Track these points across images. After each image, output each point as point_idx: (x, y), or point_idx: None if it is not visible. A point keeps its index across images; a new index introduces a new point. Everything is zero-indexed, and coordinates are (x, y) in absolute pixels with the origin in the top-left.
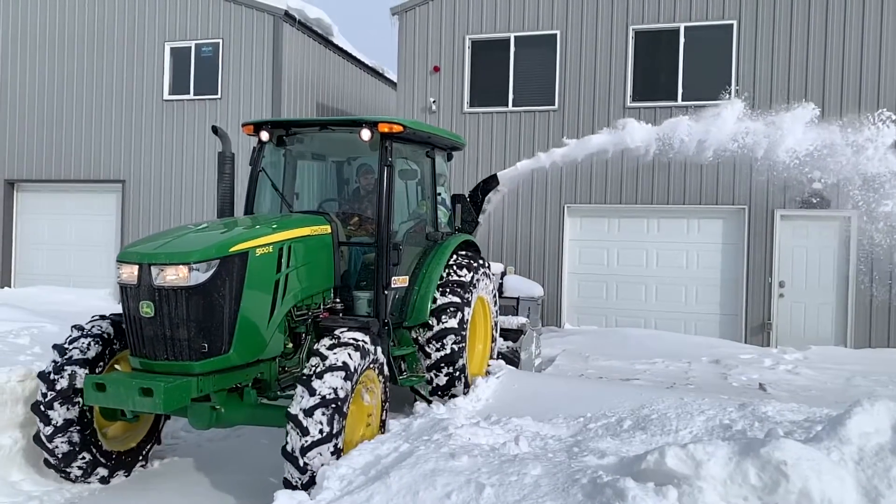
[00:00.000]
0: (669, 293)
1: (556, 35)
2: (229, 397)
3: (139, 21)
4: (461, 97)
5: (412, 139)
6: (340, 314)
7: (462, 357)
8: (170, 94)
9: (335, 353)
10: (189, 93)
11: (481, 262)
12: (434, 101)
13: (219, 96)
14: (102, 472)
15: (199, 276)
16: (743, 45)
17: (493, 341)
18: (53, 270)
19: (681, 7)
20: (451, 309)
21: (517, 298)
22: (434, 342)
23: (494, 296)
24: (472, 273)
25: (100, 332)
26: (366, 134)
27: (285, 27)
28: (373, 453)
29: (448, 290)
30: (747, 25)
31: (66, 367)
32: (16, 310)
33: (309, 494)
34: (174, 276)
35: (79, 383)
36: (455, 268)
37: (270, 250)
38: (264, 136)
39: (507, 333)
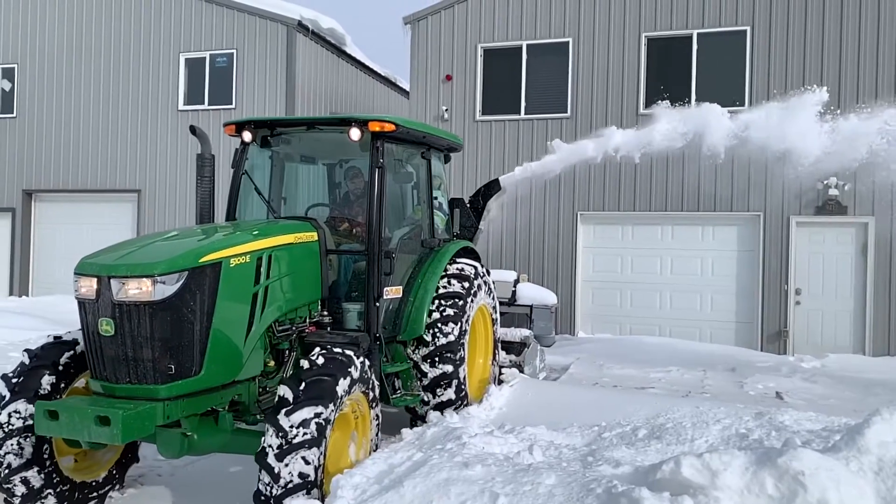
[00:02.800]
0: (684, 301)
1: (568, 43)
2: (202, 422)
3: (154, 32)
4: (473, 105)
5: (406, 139)
6: (328, 328)
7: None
8: (185, 104)
9: (287, 467)
10: (204, 103)
11: (471, 279)
12: (447, 110)
13: (233, 106)
14: (51, 501)
15: (165, 289)
16: (757, 51)
17: (494, 356)
18: (70, 279)
19: (694, 14)
20: (444, 382)
21: (530, 306)
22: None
23: (494, 304)
24: (457, 325)
25: (22, 423)
26: (355, 133)
27: (299, 37)
28: (386, 462)
29: (438, 358)
30: (761, 32)
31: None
32: (33, 318)
33: (322, 503)
34: (137, 290)
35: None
36: (440, 325)
37: (247, 260)
38: (247, 136)
39: (510, 346)
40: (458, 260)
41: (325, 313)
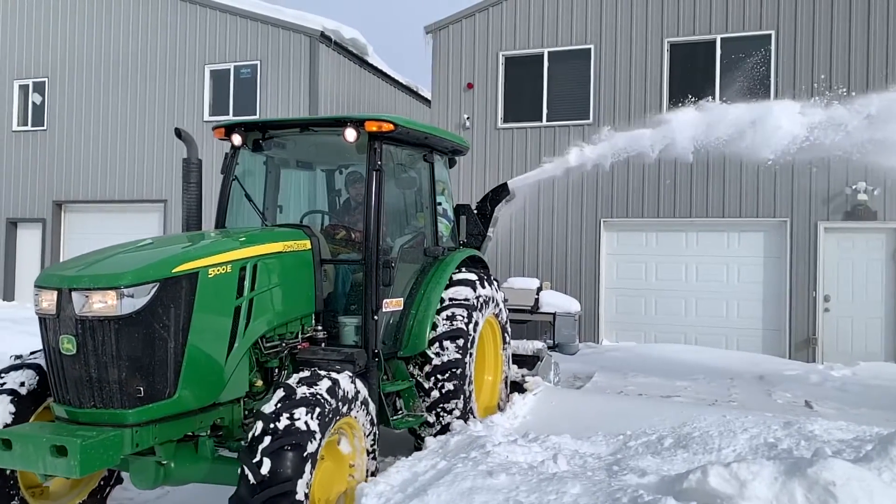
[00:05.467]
0: (710, 308)
1: (590, 49)
2: (180, 449)
3: (180, 45)
4: (495, 113)
5: (406, 140)
6: (322, 344)
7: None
8: (210, 115)
9: None
10: (228, 114)
11: (466, 334)
12: (468, 118)
13: (258, 117)
14: None
15: (133, 303)
16: (782, 55)
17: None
18: None
19: (717, 19)
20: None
21: (554, 314)
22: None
23: (502, 315)
24: (460, 400)
25: None
26: (351, 134)
27: (321, 48)
28: (410, 470)
29: (438, 427)
30: (786, 35)
31: None
32: None
33: None
34: (101, 303)
35: None
36: (443, 401)
37: (228, 270)
38: (237, 140)
39: (523, 360)
40: (448, 299)
41: (320, 328)
